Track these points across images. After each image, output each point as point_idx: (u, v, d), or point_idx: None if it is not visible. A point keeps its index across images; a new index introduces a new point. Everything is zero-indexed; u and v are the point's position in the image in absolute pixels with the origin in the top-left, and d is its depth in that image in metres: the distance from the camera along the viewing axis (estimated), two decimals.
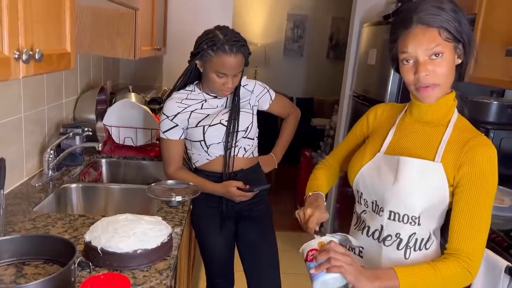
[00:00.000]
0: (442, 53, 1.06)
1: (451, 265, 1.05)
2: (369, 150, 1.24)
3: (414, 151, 1.16)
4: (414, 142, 1.17)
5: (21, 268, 1.11)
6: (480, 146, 1.08)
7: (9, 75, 0.87)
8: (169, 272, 1.15)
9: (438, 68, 1.07)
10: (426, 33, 1.05)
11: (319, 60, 5.98)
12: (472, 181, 1.07)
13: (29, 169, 1.75)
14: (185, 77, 1.71)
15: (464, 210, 1.07)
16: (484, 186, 1.07)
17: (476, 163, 1.07)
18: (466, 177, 1.08)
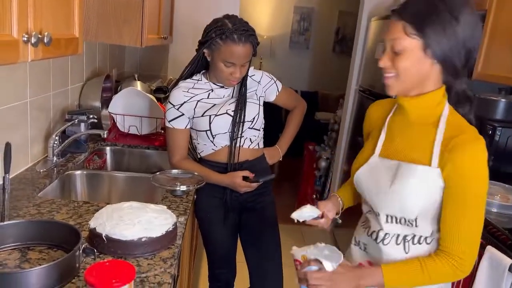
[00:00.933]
0: (403, 48, 1.03)
1: (440, 263, 1.05)
2: (365, 152, 1.22)
3: (409, 153, 1.11)
4: (406, 144, 1.13)
5: (25, 253, 1.11)
6: (462, 145, 1.02)
7: (18, 58, 0.86)
8: (173, 261, 1.14)
9: (398, 61, 1.04)
10: (393, 24, 1.05)
11: (325, 54, 5.95)
12: (455, 181, 1.04)
13: (34, 155, 1.75)
14: (192, 66, 1.69)
15: (452, 211, 1.05)
16: (468, 187, 1.03)
17: (458, 164, 1.02)
18: (449, 178, 1.04)
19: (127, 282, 0.87)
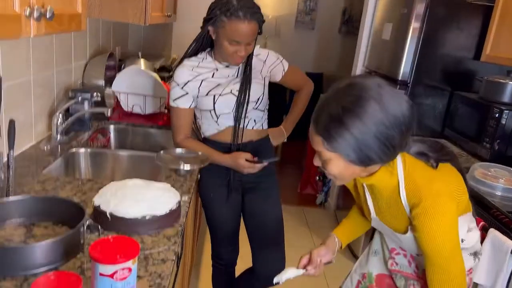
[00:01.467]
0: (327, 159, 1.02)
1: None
2: (366, 209, 1.24)
3: (393, 223, 1.15)
4: (387, 213, 1.15)
5: (30, 229, 1.12)
6: (419, 217, 1.02)
7: (20, 32, 0.85)
8: (177, 239, 1.15)
9: (329, 168, 1.04)
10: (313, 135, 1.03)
11: (330, 35, 5.86)
12: (424, 246, 1.06)
13: (38, 133, 1.75)
14: (197, 44, 1.67)
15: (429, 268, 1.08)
16: (434, 252, 1.04)
17: (420, 234, 1.04)
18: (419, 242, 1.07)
19: (131, 257, 0.87)
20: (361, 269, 1.40)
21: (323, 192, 3.76)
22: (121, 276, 0.87)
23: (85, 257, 1.01)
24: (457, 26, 2.49)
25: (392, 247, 1.27)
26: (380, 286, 1.33)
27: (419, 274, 1.22)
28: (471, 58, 2.54)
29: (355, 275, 1.42)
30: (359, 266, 1.42)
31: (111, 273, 0.85)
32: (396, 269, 1.26)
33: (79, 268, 0.97)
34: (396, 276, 1.27)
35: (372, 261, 1.36)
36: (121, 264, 0.86)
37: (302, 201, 3.83)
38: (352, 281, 1.42)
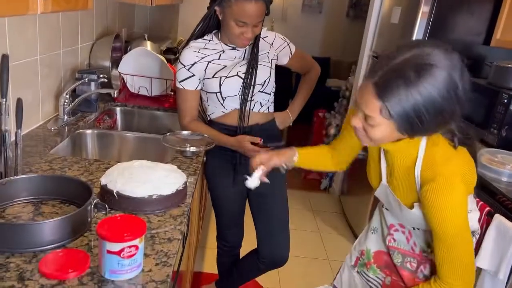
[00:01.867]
0: (377, 124, 0.99)
1: None
2: (374, 177, 1.26)
3: (402, 194, 1.15)
4: (399, 184, 1.15)
5: (38, 207, 1.13)
6: (432, 194, 1.02)
7: (27, 9, 0.84)
8: (183, 219, 1.16)
9: (371, 131, 1.02)
10: (370, 98, 0.97)
11: (338, 19, 5.79)
12: (432, 224, 1.05)
13: (45, 113, 1.75)
14: (203, 25, 1.65)
15: (437, 247, 1.07)
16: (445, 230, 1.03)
17: (431, 210, 1.03)
18: (428, 220, 1.07)
19: (138, 236, 0.88)
20: (360, 246, 1.41)
21: (328, 177, 3.77)
22: (128, 254, 0.88)
23: (92, 235, 1.03)
24: (467, 10, 2.45)
25: (391, 223, 1.27)
26: (378, 262, 1.33)
27: (416, 252, 1.23)
28: (481, 43, 2.50)
29: (354, 251, 1.44)
30: (358, 243, 1.44)
31: (118, 250, 0.86)
32: (394, 245, 1.26)
33: (87, 245, 0.99)
34: (394, 252, 1.27)
35: (371, 238, 1.36)
36: (128, 242, 0.87)
37: (306, 186, 3.84)
38: (352, 258, 1.44)
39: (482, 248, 1.56)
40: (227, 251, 2.02)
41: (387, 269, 1.31)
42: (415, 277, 1.22)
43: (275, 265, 1.89)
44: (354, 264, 1.42)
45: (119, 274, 0.88)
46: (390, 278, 1.29)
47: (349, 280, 1.43)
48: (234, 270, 2.01)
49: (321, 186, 3.79)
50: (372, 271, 1.34)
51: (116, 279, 0.89)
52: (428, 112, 0.92)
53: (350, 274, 1.43)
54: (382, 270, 1.32)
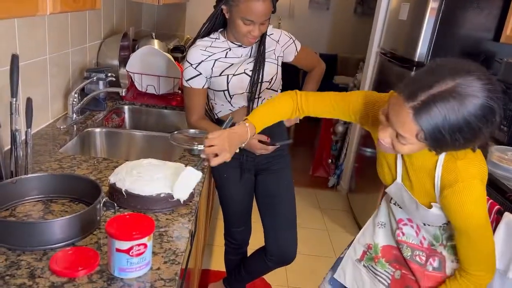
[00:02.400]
0: (408, 143, 0.99)
1: (464, 284, 1.16)
2: (388, 174, 1.24)
3: (420, 194, 1.16)
4: (417, 184, 1.16)
5: (48, 205, 1.14)
6: (457, 194, 1.05)
7: (36, 10, 0.85)
8: (191, 217, 1.17)
9: (400, 146, 1.02)
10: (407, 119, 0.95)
11: (345, 15, 5.76)
12: (455, 221, 1.10)
13: (54, 112, 1.77)
14: (210, 23, 1.66)
15: (460, 240, 1.13)
16: (468, 225, 1.08)
17: (455, 209, 1.07)
18: (450, 217, 1.11)
19: (146, 234, 0.89)
20: (366, 239, 1.41)
21: (336, 175, 3.76)
22: (137, 252, 0.89)
23: (101, 233, 1.04)
24: (477, 6, 2.43)
25: (399, 217, 1.28)
26: (386, 257, 1.34)
27: (424, 245, 1.25)
28: (490, 39, 2.47)
29: (358, 245, 1.43)
30: (363, 237, 1.43)
31: (127, 248, 0.87)
32: (403, 239, 1.28)
33: (96, 243, 1.00)
34: (403, 246, 1.28)
35: (379, 233, 1.37)
36: (137, 241, 0.88)
37: (314, 183, 3.84)
38: (356, 251, 1.43)
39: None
40: (234, 249, 2.03)
41: (396, 263, 1.31)
42: (424, 270, 1.24)
43: (283, 263, 1.89)
44: (360, 258, 1.41)
45: (128, 272, 0.89)
46: (400, 272, 1.30)
47: (354, 275, 1.42)
48: (241, 267, 2.02)
49: (329, 183, 3.79)
50: (380, 265, 1.34)
51: (125, 277, 0.90)
52: (465, 138, 0.94)
53: (355, 268, 1.42)
54: (391, 264, 1.33)
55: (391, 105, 0.99)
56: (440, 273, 1.24)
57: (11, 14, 0.78)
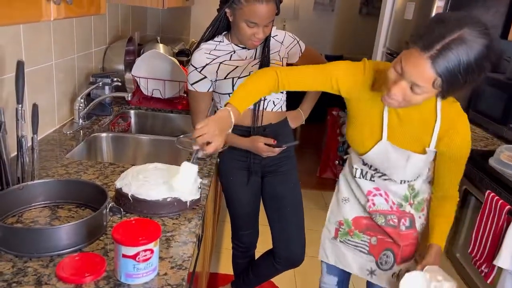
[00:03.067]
0: (422, 92, 1.08)
1: (453, 207, 1.36)
2: (368, 138, 1.30)
3: (414, 143, 1.26)
4: (410, 135, 1.26)
5: (55, 211, 1.14)
6: (458, 131, 1.22)
7: (41, 16, 0.85)
8: (197, 221, 1.16)
9: (412, 97, 1.10)
10: (424, 68, 1.04)
11: (350, 16, 5.74)
12: (453, 154, 1.25)
13: (60, 117, 1.78)
14: (214, 27, 1.65)
15: (451, 169, 1.30)
16: (462, 155, 1.26)
17: (456, 144, 1.23)
18: (449, 152, 1.25)
19: (153, 240, 0.89)
20: (335, 217, 1.50)
21: None
22: (144, 258, 0.88)
23: (108, 239, 1.03)
24: (483, 4, 2.40)
25: (368, 190, 1.38)
26: (358, 227, 1.44)
27: (394, 209, 1.38)
28: (498, 37, 2.44)
29: (330, 224, 1.53)
30: (332, 215, 1.52)
31: (134, 254, 0.87)
32: (374, 209, 1.39)
33: (103, 249, 0.99)
34: (376, 216, 1.39)
35: (345, 208, 1.46)
36: (143, 246, 0.88)
37: (321, 185, 3.81)
38: (330, 230, 1.52)
39: (502, 248, 1.52)
40: (242, 252, 2.02)
41: (369, 230, 1.43)
42: (398, 230, 1.39)
43: (291, 265, 1.88)
44: (334, 235, 1.50)
45: (134, 278, 0.89)
46: (376, 238, 1.42)
47: (334, 251, 1.52)
48: (250, 270, 2.01)
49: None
50: (356, 236, 1.45)
51: (132, 283, 0.89)
52: (474, 78, 1.04)
53: (333, 246, 1.52)
54: (365, 233, 1.44)
55: (405, 59, 1.06)
56: (412, 230, 1.39)
57: (15, 20, 0.77)
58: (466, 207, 2.04)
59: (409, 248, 1.40)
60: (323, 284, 1.63)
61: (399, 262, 1.41)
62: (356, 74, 1.27)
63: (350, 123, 1.35)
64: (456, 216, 2.06)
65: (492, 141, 2.21)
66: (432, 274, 1.23)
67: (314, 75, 1.30)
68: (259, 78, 1.30)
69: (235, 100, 1.24)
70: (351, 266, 1.49)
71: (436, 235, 1.33)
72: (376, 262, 1.44)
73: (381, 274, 1.45)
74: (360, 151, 1.34)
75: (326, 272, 1.60)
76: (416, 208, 1.39)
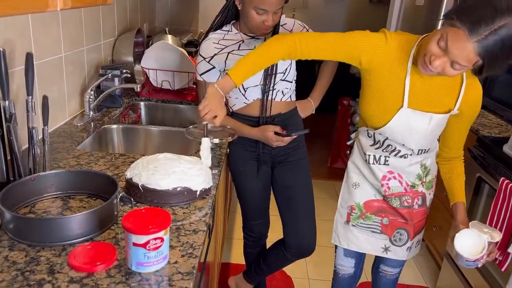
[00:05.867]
0: (462, 68, 1.13)
1: (462, 167, 1.45)
2: (391, 104, 1.31)
3: (437, 105, 1.30)
4: (433, 98, 1.29)
5: (66, 201, 1.15)
6: (475, 90, 1.29)
7: (47, 6, 0.85)
8: (208, 210, 1.16)
9: (451, 70, 1.13)
10: (469, 49, 1.06)
11: (361, 4, 5.66)
12: (469, 111, 1.33)
13: (71, 109, 1.79)
14: (222, 16, 1.64)
15: (462, 129, 1.38)
16: (475, 113, 1.34)
17: (473, 102, 1.31)
18: (465, 110, 1.31)
19: (163, 228, 0.89)
20: (346, 202, 1.53)
21: None
22: (154, 246, 0.89)
23: (119, 228, 1.04)
24: None
25: (382, 175, 1.41)
26: (370, 210, 1.48)
27: (407, 190, 1.43)
28: None
29: (342, 209, 1.55)
30: (343, 201, 1.55)
31: (144, 242, 0.87)
32: (390, 193, 1.42)
33: (114, 238, 1.00)
34: (391, 199, 1.43)
35: (355, 193, 1.49)
36: (153, 234, 0.88)
37: (332, 175, 3.80)
38: (342, 215, 1.55)
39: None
40: (253, 242, 2.03)
41: (381, 212, 1.47)
42: (412, 210, 1.44)
43: (302, 255, 1.88)
44: (347, 220, 1.53)
45: (145, 266, 0.89)
46: (388, 219, 1.47)
47: (346, 235, 1.55)
48: (261, 260, 2.02)
49: None
50: (368, 219, 1.49)
51: (142, 271, 0.90)
52: (509, 61, 1.09)
53: (346, 230, 1.54)
54: (377, 215, 1.48)
55: (452, 40, 1.08)
56: (423, 207, 1.47)
57: (20, 10, 0.77)
58: (480, 195, 2.01)
59: (421, 223, 1.50)
60: (339, 266, 1.64)
61: (412, 238, 1.49)
62: (378, 43, 1.28)
63: (370, 97, 1.35)
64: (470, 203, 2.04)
65: (506, 127, 2.17)
66: (478, 227, 1.30)
67: (336, 44, 1.32)
68: (269, 47, 1.33)
69: (232, 72, 1.31)
70: (365, 246, 1.53)
71: (458, 194, 1.41)
72: (390, 239, 1.49)
73: (396, 249, 1.50)
74: (379, 124, 1.35)
75: (344, 255, 1.60)
76: (427, 187, 1.46)
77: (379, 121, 1.34)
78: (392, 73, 1.28)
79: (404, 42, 1.27)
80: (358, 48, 1.29)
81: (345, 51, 1.31)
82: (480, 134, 2.09)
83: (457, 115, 1.32)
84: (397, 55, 1.27)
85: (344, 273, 1.64)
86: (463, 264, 1.31)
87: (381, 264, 1.64)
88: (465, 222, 1.35)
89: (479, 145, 2.05)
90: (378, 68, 1.29)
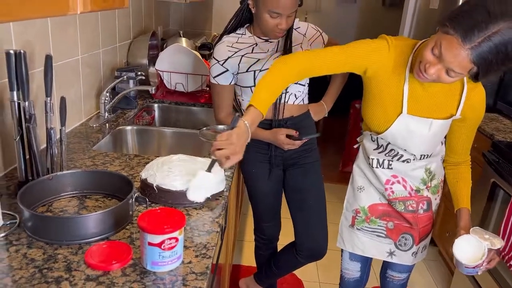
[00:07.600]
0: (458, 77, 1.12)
1: (469, 171, 1.43)
2: (391, 110, 1.31)
3: (437, 111, 1.29)
4: (433, 103, 1.28)
5: (83, 201, 1.17)
6: (478, 96, 1.28)
7: (68, 9, 0.87)
8: (221, 211, 1.17)
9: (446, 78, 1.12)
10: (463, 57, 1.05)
11: (374, 8, 5.64)
12: (473, 117, 1.32)
13: (87, 111, 1.82)
14: (236, 19, 1.66)
15: (467, 134, 1.37)
16: (479, 119, 1.34)
17: (476, 108, 1.30)
18: (468, 115, 1.30)
19: (177, 228, 0.90)
20: (351, 206, 1.53)
21: None
22: (169, 246, 0.90)
23: (134, 228, 1.05)
24: None
25: (386, 179, 1.41)
26: (375, 214, 1.47)
27: (412, 195, 1.42)
28: None
29: (347, 212, 1.56)
30: (348, 204, 1.55)
31: (159, 242, 0.88)
32: (394, 197, 1.42)
33: (129, 237, 1.02)
34: (396, 203, 1.42)
35: (360, 197, 1.49)
36: (168, 234, 0.89)
37: (343, 179, 3.78)
38: (347, 218, 1.55)
39: None
40: (264, 244, 2.03)
41: (386, 216, 1.46)
42: (417, 214, 1.43)
43: (313, 258, 1.88)
44: (351, 223, 1.53)
45: (160, 265, 0.91)
46: (393, 223, 1.46)
47: (351, 238, 1.54)
48: (272, 263, 2.02)
49: None
50: (372, 223, 1.48)
51: (157, 271, 0.91)
52: (505, 68, 1.07)
53: (350, 233, 1.54)
54: (382, 218, 1.47)
55: (445, 47, 1.06)
56: (429, 212, 1.46)
57: (44, 13, 0.80)
58: (494, 201, 1.99)
59: (426, 228, 1.48)
60: (345, 270, 1.64)
61: (417, 243, 1.48)
62: (381, 52, 1.27)
63: (372, 103, 1.34)
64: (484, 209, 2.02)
65: None
66: (479, 233, 1.29)
67: (339, 57, 1.27)
68: (280, 70, 1.23)
69: (256, 102, 1.18)
70: (370, 250, 1.52)
71: (463, 200, 1.39)
72: (395, 244, 1.49)
73: (401, 254, 1.50)
74: (381, 129, 1.34)
75: (349, 258, 1.60)
76: (432, 191, 1.45)
77: (381, 127, 1.34)
78: (392, 79, 1.28)
79: (404, 48, 1.27)
80: (363, 58, 1.27)
81: (350, 63, 1.28)
82: (495, 139, 2.07)
83: (461, 120, 1.31)
84: (397, 62, 1.27)
85: (349, 277, 1.63)
86: (463, 271, 1.28)
87: (388, 269, 1.64)
88: (467, 228, 1.33)
89: (493, 150, 2.03)
90: (380, 75, 1.29)
